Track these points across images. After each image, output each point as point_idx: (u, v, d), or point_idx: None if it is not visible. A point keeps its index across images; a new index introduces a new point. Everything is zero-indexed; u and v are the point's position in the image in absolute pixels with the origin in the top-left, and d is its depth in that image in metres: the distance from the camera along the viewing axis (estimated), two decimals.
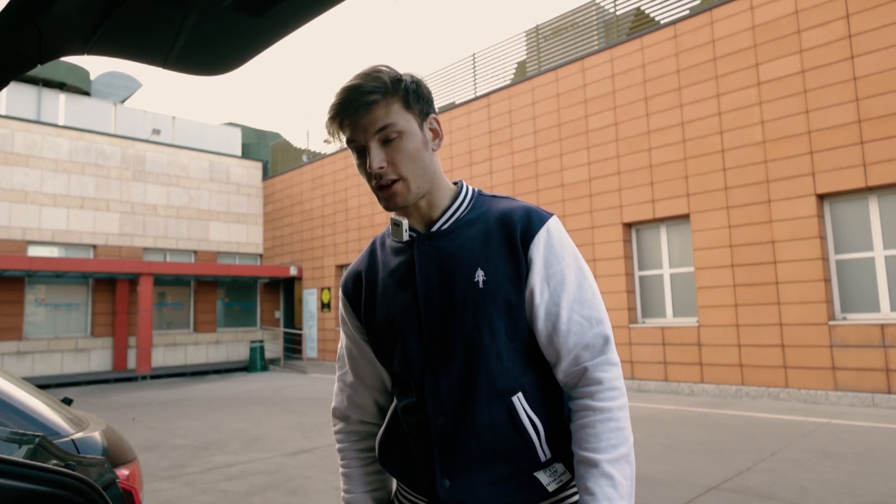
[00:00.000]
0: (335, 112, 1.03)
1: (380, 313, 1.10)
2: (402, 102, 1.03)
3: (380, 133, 1.01)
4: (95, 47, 0.82)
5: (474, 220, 1.08)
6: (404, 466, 1.10)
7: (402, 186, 1.03)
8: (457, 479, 1.01)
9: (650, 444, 5.60)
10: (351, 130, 1.03)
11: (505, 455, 1.01)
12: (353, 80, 1.03)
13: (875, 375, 7.15)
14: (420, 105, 1.05)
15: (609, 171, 10.00)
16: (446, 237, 1.07)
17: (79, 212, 15.02)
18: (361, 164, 1.05)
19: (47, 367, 14.06)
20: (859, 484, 4.16)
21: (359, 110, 1.01)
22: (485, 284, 1.01)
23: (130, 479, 2.10)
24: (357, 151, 1.06)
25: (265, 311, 18.11)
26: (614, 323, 9.61)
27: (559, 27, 11.61)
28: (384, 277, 1.11)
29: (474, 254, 1.04)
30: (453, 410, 1.01)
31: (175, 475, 4.98)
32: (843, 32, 7.71)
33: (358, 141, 1.03)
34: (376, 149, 1.02)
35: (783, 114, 8.13)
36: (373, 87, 1.01)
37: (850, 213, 7.77)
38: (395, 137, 1.02)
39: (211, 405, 9.35)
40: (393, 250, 1.13)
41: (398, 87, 1.03)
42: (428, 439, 1.03)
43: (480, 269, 1.02)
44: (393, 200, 1.04)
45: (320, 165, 16.63)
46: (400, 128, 1.02)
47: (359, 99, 1.00)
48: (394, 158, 1.02)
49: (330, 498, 4.28)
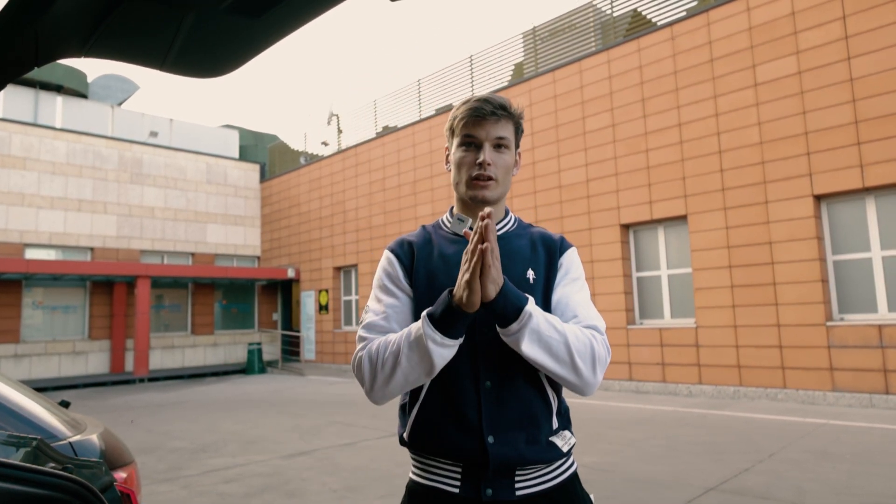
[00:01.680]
0: (470, 111, 1.30)
1: (438, 287, 1.24)
2: (515, 129, 1.35)
3: (496, 140, 1.30)
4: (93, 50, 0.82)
5: (521, 234, 1.38)
6: (443, 438, 1.21)
7: (494, 185, 1.31)
8: (500, 437, 1.19)
9: (648, 445, 5.60)
10: (474, 129, 1.30)
11: (535, 420, 1.22)
12: (487, 94, 1.33)
13: (873, 376, 7.16)
14: (519, 138, 1.38)
15: (607, 173, 10.02)
16: (501, 240, 1.31)
17: (76, 214, 14.99)
18: (467, 156, 1.31)
19: (45, 369, 14.02)
20: (857, 484, 4.16)
21: (489, 117, 1.29)
22: (534, 282, 1.29)
23: (128, 482, 2.09)
24: (467, 146, 1.32)
25: (263, 314, 18.08)
26: (612, 324, 9.63)
27: (556, 29, 11.63)
28: (438, 258, 1.31)
29: (526, 258, 1.32)
30: (499, 377, 1.22)
31: (173, 478, 4.97)
32: (839, 34, 7.74)
33: (478, 138, 1.30)
34: (489, 149, 1.30)
35: (780, 115, 8.16)
36: (503, 105, 1.31)
37: (847, 214, 7.79)
38: (504, 149, 1.32)
39: (208, 407, 9.33)
40: (447, 240, 1.35)
41: (517, 117, 1.35)
42: (476, 399, 1.21)
43: (531, 270, 1.30)
44: (485, 192, 1.30)
45: (318, 167, 16.62)
46: (509, 144, 1.33)
47: (493, 109, 1.29)
48: (497, 162, 1.31)
49: (327, 500, 4.27)
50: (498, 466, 1.17)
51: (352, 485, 4.63)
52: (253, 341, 16.40)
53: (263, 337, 17.70)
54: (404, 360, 1.15)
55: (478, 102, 1.30)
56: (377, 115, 15.51)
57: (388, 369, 1.17)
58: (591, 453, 5.33)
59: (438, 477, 1.23)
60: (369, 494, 4.36)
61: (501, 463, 1.17)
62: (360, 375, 1.22)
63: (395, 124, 14.95)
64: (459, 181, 1.33)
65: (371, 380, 1.20)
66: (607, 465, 4.94)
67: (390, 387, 1.18)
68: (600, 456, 5.24)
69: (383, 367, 1.18)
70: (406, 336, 1.16)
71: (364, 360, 1.21)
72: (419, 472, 1.28)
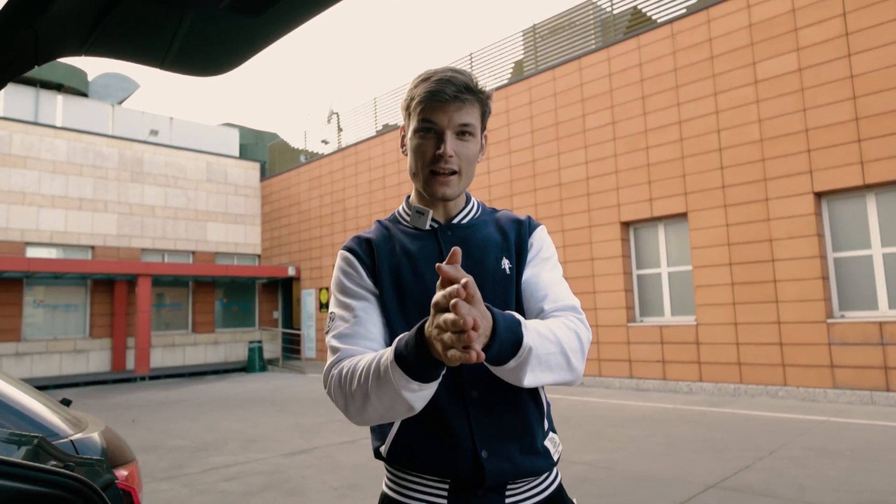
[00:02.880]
0: (429, 94, 1.12)
1: (405, 286, 1.15)
2: (481, 112, 1.18)
3: (460, 127, 1.14)
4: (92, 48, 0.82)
5: (487, 220, 1.25)
6: (431, 455, 1.08)
7: (456, 179, 1.16)
8: (494, 450, 1.09)
9: (649, 443, 5.61)
10: (434, 114, 1.12)
11: (528, 427, 1.12)
12: (449, 72, 1.14)
13: (873, 373, 7.17)
14: (485, 119, 1.21)
15: (606, 170, 10.01)
16: (468, 230, 1.21)
17: (77, 213, 14.99)
18: (425, 144, 1.14)
19: (46, 368, 14.04)
20: (857, 481, 4.17)
21: (451, 102, 1.11)
22: (511, 271, 1.18)
23: (129, 480, 2.10)
24: (425, 132, 1.14)
25: (263, 312, 18.09)
26: (612, 322, 9.63)
27: (556, 26, 11.61)
28: (401, 254, 1.18)
29: (498, 246, 1.20)
30: (486, 385, 1.10)
31: (174, 476, 4.98)
32: (839, 30, 7.73)
33: (438, 125, 1.13)
34: (452, 139, 1.14)
35: (780, 112, 8.15)
36: (468, 87, 1.13)
37: (847, 211, 7.78)
38: (468, 136, 1.16)
39: (209, 406, 9.34)
40: (409, 235, 1.21)
41: (483, 97, 1.17)
42: (464, 412, 1.09)
43: (505, 259, 1.19)
44: (446, 188, 1.15)
45: (318, 166, 16.61)
46: (474, 130, 1.16)
47: (457, 92, 1.11)
48: (460, 152, 1.15)
49: (328, 498, 4.28)
50: (493, 483, 1.07)
51: (352, 483, 4.64)
52: (253, 339, 16.41)
53: (264, 335, 17.71)
54: (375, 401, 0.97)
55: (438, 84, 1.11)
56: (377, 113, 15.50)
57: (359, 404, 1.00)
58: (592, 451, 5.33)
59: (420, 495, 1.11)
60: (369, 493, 4.37)
61: (497, 478, 1.07)
62: (332, 398, 1.07)
63: (396, 122, 14.94)
64: (417, 172, 1.16)
65: (344, 408, 1.04)
66: (607, 462, 4.95)
67: (366, 418, 1.02)
68: (600, 453, 5.25)
69: (353, 399, 1.01)
70: (374, 374, 0.96)
71: (333, 383, 1.05)
72: (396, 489, 1.15)
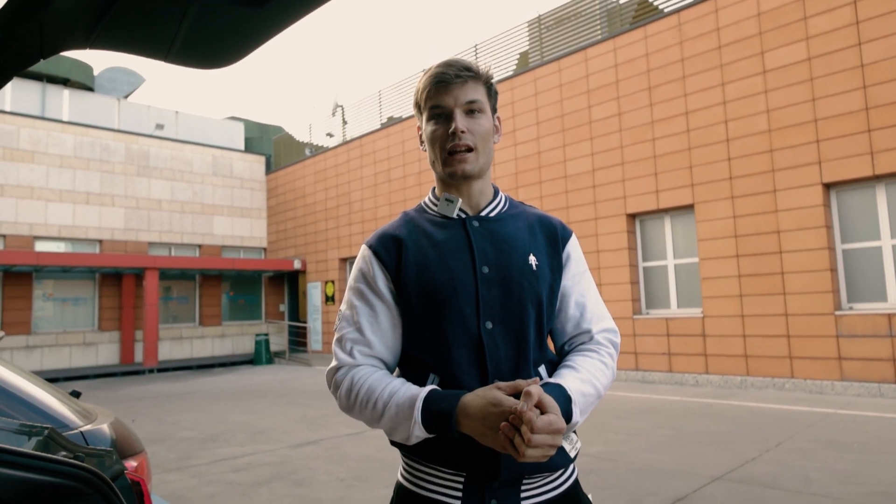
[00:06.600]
0: (433, 79, 1.17)
1: (431, 277, 1.15)
2: (486, 90, 1.22)
3: (467, 104, 1.17)
4: (97, 41, 0.82)
5: (516, 215, 1.25)
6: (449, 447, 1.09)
7: (474, 156, 1.18)
8: None
9: (655, 435, 5.61)
10: (441, 97, 1.17)
11: None
12: (448, 59, 1.20)
13: (882, 365, 7.13)
14: (493, 100, 1.24)
15: (612, 162, 9.96)
16: (496, 223, 1.22)
17: (84, 207, 15.08)
18: (438, 129, 1.18)
19: (56, 360, 14.17)
20: (865, 473, 4.16)
21: (454, 81, 1.16)
22: (537, 268, 1.18)
23: (138, 471, 2.12)
24: (436, 118, 1.18)
25: (270, 305, 18.17)
26: (618, 314, 9.61)
27: (562, 17, 11.52)
28: (429, 246, 1.18)
29: (525, 242, 1.20)
30: (509, 374, 1.12)
31: (182, 467, 5.03)
32: (850, 19, 7.63)
33: (446, 106, 1.17)
34: (462, 116, 1.17)
35: (789, 102, 8.07)
36: (468, 67, 1.18)
37: (856, 202, 7.72)
38: (478, 113, 1.19)
39: (217, 398, 9.41)
40: (436, 224, 1.22)
41: (485, 77, 1.21)
42: None
43: (533, 256, 1.19)
44: (464, 165, 1.17)
45: (323, 159, 16.62)
46: (482, 107, 1.19)
47: (458, 72, 1.17)
48: (473, 129, 1.17)
49: (335, 489, 4.31)
50: (509, 475, 1.09)
51: (359, 474, 4.67)
52: (260, 332, 16.49)
53: (270, 328, 17.80)
54: (381, 425, 1.09)
55: (439, 68, 1.17)
56: (382, 105, 15.46)
57: (365, 419, 1.12)
58: (598, 443, 5.34)
59: (436, 487, 1.12)
60: (376, 484, 4.40)
61: (513, 472, 1.09)
62: (337, 397, 1.15)
63: (400, 115, 14.90)
64: (436, 159, 1.20)
65: (349, 410, 1.14)
66: (614, 454, 4.96)
67: (374, 426, 1.13)
68: (607, 445, 5.26)
69: (360, 414, 1.12)
70: (391, 412, 1.06)
71: (342, 395, 1.13)
72: (412, 480, 1.16)
